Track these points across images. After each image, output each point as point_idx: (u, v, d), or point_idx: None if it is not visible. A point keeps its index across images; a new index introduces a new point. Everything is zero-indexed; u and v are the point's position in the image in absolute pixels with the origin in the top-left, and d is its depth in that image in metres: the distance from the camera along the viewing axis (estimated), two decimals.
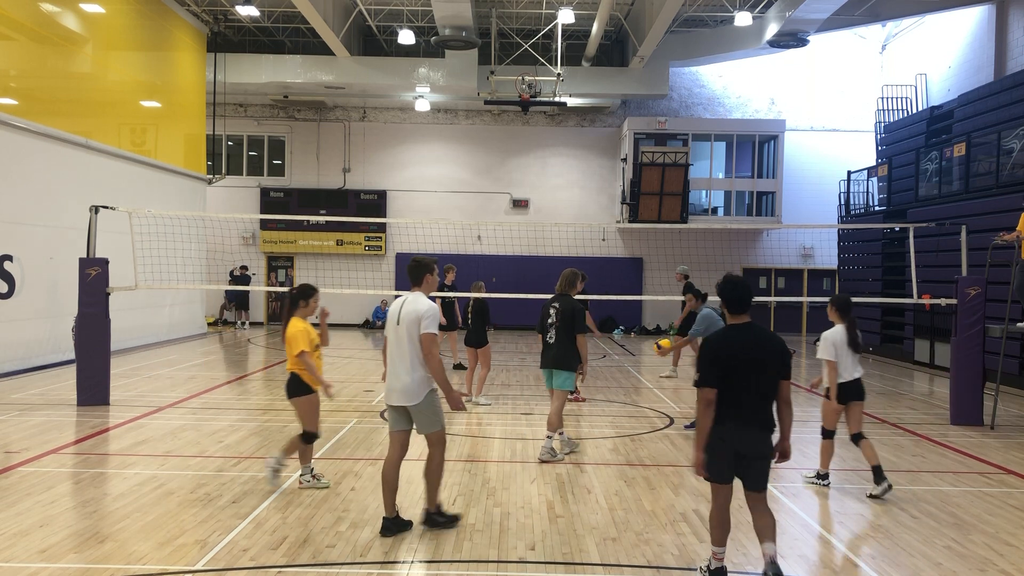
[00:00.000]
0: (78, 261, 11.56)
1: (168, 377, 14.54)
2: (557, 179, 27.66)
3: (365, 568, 5.52)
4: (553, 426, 8.66)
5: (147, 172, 19.63)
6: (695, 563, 5.70)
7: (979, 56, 21.36)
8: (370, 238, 27.21)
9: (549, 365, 8.62)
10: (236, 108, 27.11)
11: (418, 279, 6.33)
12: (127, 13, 19.12)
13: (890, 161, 22.02)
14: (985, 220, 15.26)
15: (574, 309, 8.60)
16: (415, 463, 7.37)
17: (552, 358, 8.60)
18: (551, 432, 8.68)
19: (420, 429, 6.22)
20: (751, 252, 27.30)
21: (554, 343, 8.61)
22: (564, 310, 8.60)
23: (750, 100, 27.83)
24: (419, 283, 6.32)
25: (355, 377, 14.87)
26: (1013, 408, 12.66)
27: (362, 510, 6.72)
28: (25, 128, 14.85)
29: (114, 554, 5.65)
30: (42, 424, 10.06)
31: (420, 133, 27.69)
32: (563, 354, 8.57)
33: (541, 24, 23.71)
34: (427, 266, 6.34)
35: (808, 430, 10.70)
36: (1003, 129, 16.50)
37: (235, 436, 9.55)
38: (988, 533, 6.48)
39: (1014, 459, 9.15)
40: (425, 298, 6.20)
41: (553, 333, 8.61)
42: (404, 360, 6.08)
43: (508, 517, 6.64)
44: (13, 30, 15.15)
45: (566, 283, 8.86)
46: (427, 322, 6.03)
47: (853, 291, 22.33)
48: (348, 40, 22.71)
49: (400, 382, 6.10)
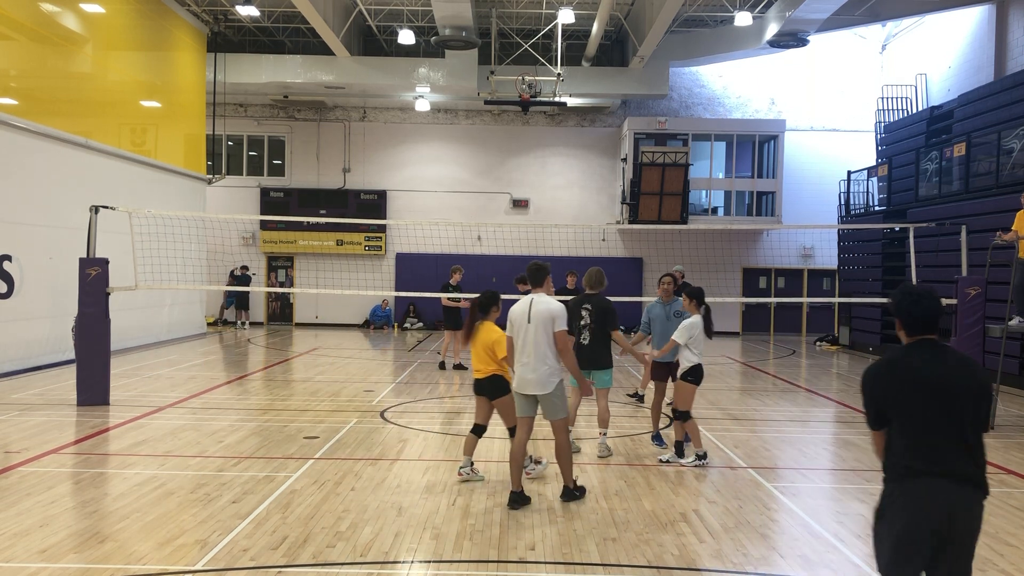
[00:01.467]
0: (78, 261, 11.56)
1: (168, 377, 14.54)
2: (557, 179, 27.66)
3: (365, 568, 5.52)
4: (605, 423, 8.91)
5: (147, 172, 19.63)
6: (695, 563, 5.70)
7: (979, 56, 21.36)
8: (370, 238, 27.21)
9: (586, 366, 8.52)
10: (236, 108, 27.11)
11: (539, 281, 7.18)
12: (127, 13, 19.12)
13: (890, 161, 22.02)
14: (985, 220, 15.26)
15: (606, 308, 8.78)
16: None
17: (588, 359, 8.65)
18: (604, 429, 8.92)
19: (547, 415, 7.03)
20: (751, 252, 27.30)
21: (588, 344, 8.76)
22: (596, 310, 8.80)
23: (750, 100, 27.83)
24: (540, 284, 7.18)
25: (355, 377, 14.87)
26: (1013, 408, 12.66)
27: (362, 510, 6.72)
28: (25, 128, 14.85)
29: (114, 554, 5.65)
30: (42, 424, 10.06)
31: (420, 133, 27.69)
32: (599, 353, 8.79)
33: (541, 24, 23.71)
34: (546, 269, 7.21)
35: (808, 430, 10.71)
36: (1003, 129, 16.50)
37: (235, 436, 9.55)
38: (988, 533, 6.48)
39: (1014, 459, 9.16)
40: (551, 298, 7.07)
41: (587, 334, 8.80)
42: (538, 354, 6.89)
43: (508, 517, 6.64)
44: (13, 30, 15.16)
45: (594, 281, 9.02)
46: (560, 321, 6.92)
47: (853, 291, 22.38)
48: (348, 40, 22.71)
49: (535, 373, 6.91)
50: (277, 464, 8.25)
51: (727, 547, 6.04)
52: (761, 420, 11.28)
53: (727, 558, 5.83)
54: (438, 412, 11.62)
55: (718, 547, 6.03)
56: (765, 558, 5.89)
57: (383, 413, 11.19)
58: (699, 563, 5.70)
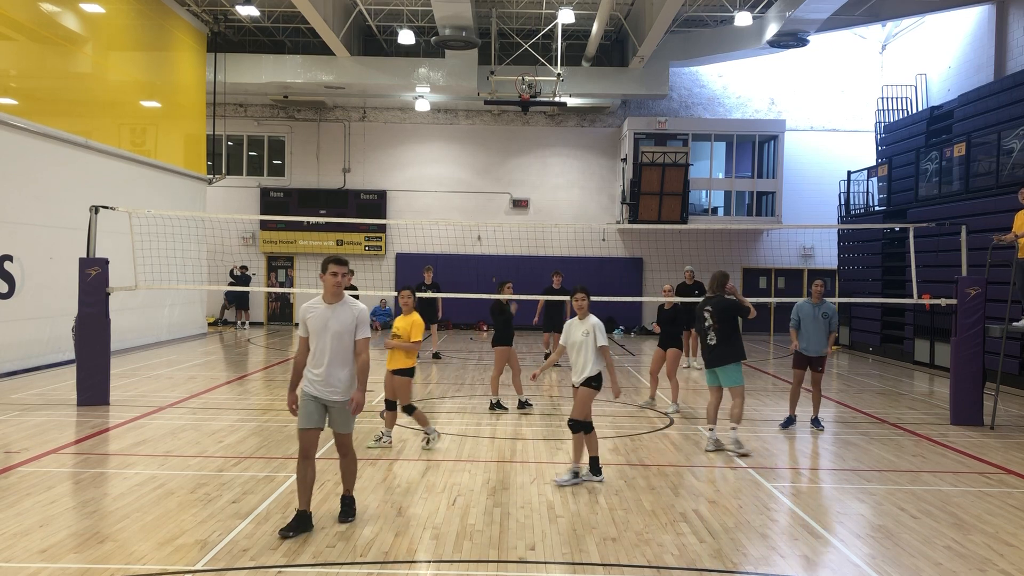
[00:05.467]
0: (78, 261, 11.55)
1: (168, 377, 14.54)
2: (557, 179, 27.66)
3: (365, 568, 5.52)
4: (737, 418, 9.20)
5: (147, 172, 19.63)
6: (695, 563, 5.70)
7: (979, 56, 21.36)
8: (370, 238, 27.21)
9: (714, 364, 9.20)
10: (236, 108, 27.10)
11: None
12: (127, 13, 19.12)
13: (890, 161, 22.02)
14: (985, 220, 15.26)
15: (727, 305, 9.20)
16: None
17: (716, 357, 9.17)
18: (735, 424, 9.20)
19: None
20: (751, 252, 27.29)
21: (716, 344, 9.17)
22: (718, 311, 9.15)
23: (750, 100, 27.83)
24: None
25: None
26: (1013, 408, 12.65)
27: (362, 510, 6.71)
28: (25, 128, 14.84)
29: (114, 554, 5.65)
30: (42, 424, 10.06)
31: (420, 133, 27.69)
32: (726, 351, 9.15)
33: (541, 24, 23.70)
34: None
35: (808, 430, 10.70)
36: (1003, 129, 16.49)
37: (235, 436, 9.55)
38: (988, 533, 6.48)
39: (1014, 459, 9.15)
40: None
41: (713, 335, 9.14)
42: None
43: (508, 517, 6.64)
44: (13, 30, 15.15)
45: (716, 284, 9.36)
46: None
47: (853, 291, 22.36)
48: (348, 40, 22.71)
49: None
50: (277, 464, 8.25)
51: (727, 547, 6.04)
52: (761, 420, 11.28)
53: (727, 558, 5.82)
54: (438, 412, 11.62)
55: (718, 547, 6.03)
56: (765, 558, 5.89)
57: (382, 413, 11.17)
58: (699, 563, 5.70)
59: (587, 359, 7.72)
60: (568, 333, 7.91)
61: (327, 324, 6.14)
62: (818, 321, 10.53)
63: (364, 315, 6.29)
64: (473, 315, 26.17)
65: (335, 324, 6.14)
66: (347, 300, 6.27)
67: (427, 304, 16.67)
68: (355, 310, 6.25)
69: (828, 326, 10.60)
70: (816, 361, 10.60)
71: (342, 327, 6.16)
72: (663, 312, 12.10)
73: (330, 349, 6.15)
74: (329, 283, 6.18)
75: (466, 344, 21.55)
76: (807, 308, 10.64)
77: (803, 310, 10.67)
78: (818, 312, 10.56)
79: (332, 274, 6.16)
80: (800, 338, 10.68)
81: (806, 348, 10.63)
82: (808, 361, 10.67)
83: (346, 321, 6.18)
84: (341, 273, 6.16)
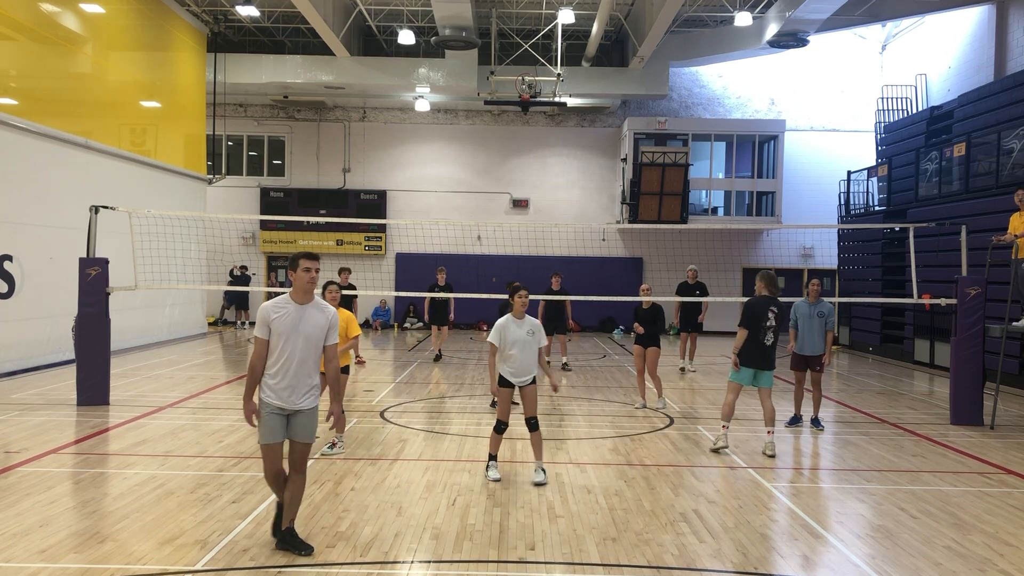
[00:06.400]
0: (78, 261, 11.55)
1: (168, 377, 14.54)
2: (557, 179, 27.66)
3: (365, 568, 5.52)
4: (771, 420, 9.25)
5: (147, 172, 19.63)
6: (695, 563, 5.70)
7: (979, 56, 21.36)
8: (370, 238, 27.22)
9: (768, 366, 9.21)
10: (236, 108, 27.11)
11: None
12: (127, 13, 19.12)
13: (890, 161, 22.02)
14: (985, 220, 15.25)
15: (784, 309, 9.48)
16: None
17: (771, 359, 9.24)
18: (771, 427, 9.24)
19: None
20: (751, 252, 27.29)
21: (772, 345, 9.21)
22: (780, 313, 9.29)
23: (750, 100, 27.84)
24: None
25: (355, 377, 14.85)
26: (1013, 408, 12.66)
27: (362, 510, 6.71)
28: (25, 128, 14.84)
29: (114, 554, 5.65)
30: (42, 424, 10.06)
31: (420, 133, 27.69)
32: (775, 353, 9.29)
33: (541, 24, 23.70)
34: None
35: (808, 430, 10.71)
36: (1003, 129, 16.49)
37: (235, 436, 9.55)
38: (988, 533, 6.48)
39: (1014, 459, 9.15)
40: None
41: (771, 335, 9.19)
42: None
43: (508, 517, 6.64)
44: (13, 30, 15.15)
45: (774, 285, 9.46)
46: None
47: (853, 291, 22.37)
48: (348, 40, 22.71)
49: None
50: None
51: (727, 547, 6.04)
52: (761, 420, 11.24)
53: (727, 558, 5.83)
54: (438, 412, 11.62)
55: (718, 547, 6.03)
56: (765, 558, 5.89)
57: (383, 413, 11.19)
58: (699, 563, 5.70)
59: (531, 357, 7.81)
60: (507, 331, 7.76)
61: (297, 326, 5.62)
62: (814, 320, 10.59)
63: (336, 319, 5.84)
64: (473, 315, 26.16)
65: (306, 327, 5.63)
66: (318, 301, 5.79)
67: (439, 305, 16.73)
68: (328, 313, 5.76)
69: (824, 325, 10.60)
70: (814, 361, 10.65)
71: (313, 330, 5.67)
72: (643, 311, 12.00)
73: (299, 354, 5.64)
74: (302, 280, 5.64)
75: (466, 344, 21.54)
76: (804, 307, 10.72)
77: (800, 309, 10.73)
78: (814, 311, 10.62)
79: (305, 270, 5.64)
80: (796, 338, 10.76)
81: (801, 348, 10.70)
82: (806, 361, 10.73)
83: (318, 324, 5.69)
84: (315, 269, 5.67)
